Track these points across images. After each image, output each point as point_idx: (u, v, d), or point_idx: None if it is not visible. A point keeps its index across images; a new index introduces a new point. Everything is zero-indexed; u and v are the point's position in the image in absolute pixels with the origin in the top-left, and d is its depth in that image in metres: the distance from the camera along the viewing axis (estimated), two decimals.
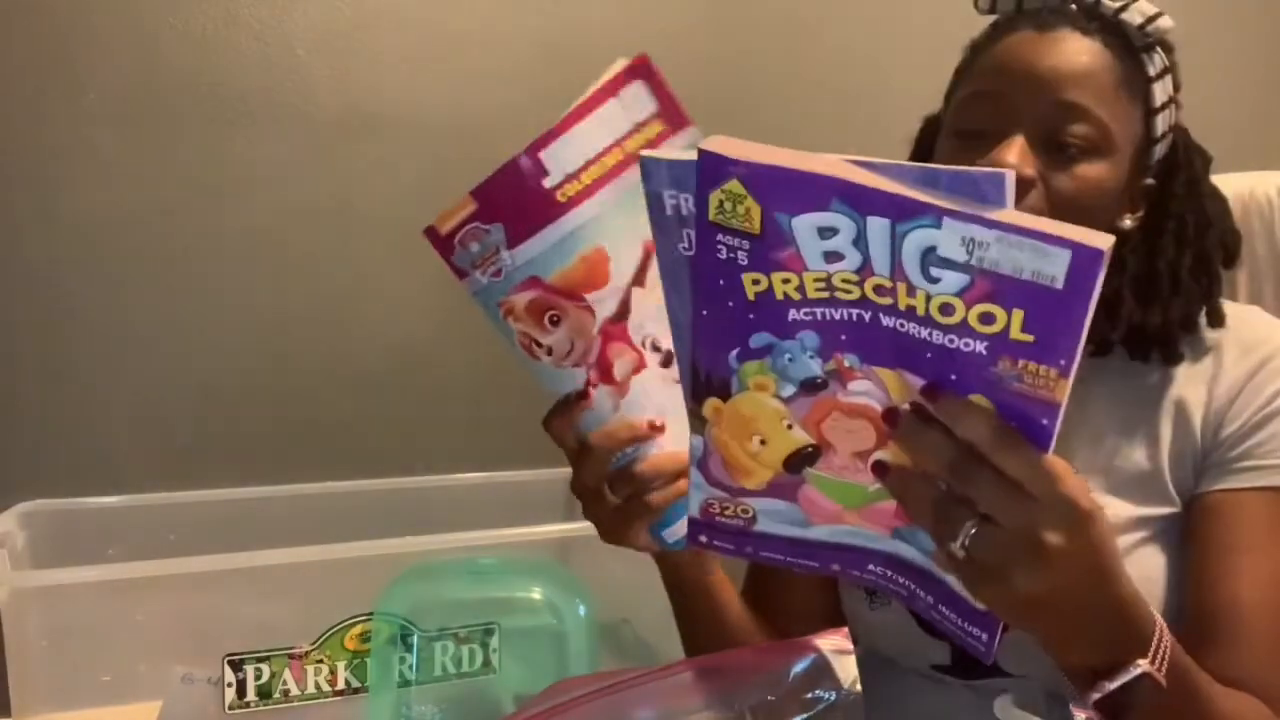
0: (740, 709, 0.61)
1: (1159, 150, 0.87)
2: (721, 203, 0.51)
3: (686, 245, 0.56)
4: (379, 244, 1.38)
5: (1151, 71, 0.84)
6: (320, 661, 0.90)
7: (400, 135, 1.37)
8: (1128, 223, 0.86)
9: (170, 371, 1.29)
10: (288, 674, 0.89)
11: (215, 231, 1.31)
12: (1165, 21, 0.84)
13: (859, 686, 0.61)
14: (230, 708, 0.87)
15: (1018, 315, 0.48)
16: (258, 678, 0.88)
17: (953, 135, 0.85)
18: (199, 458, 1.29)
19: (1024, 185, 0.78)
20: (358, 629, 0.91)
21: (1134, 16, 0.83)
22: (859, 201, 0.49)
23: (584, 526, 0.82)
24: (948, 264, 0.48)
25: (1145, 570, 0.81)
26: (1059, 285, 0.46)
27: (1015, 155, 0.78)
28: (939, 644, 0.87)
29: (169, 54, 1.27)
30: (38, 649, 0.86)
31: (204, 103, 1.29)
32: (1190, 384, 0.84)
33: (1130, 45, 0.84)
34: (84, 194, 1.25)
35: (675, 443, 0.71)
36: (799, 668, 0.62)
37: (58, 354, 1.25)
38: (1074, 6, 0.85)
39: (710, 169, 0.50)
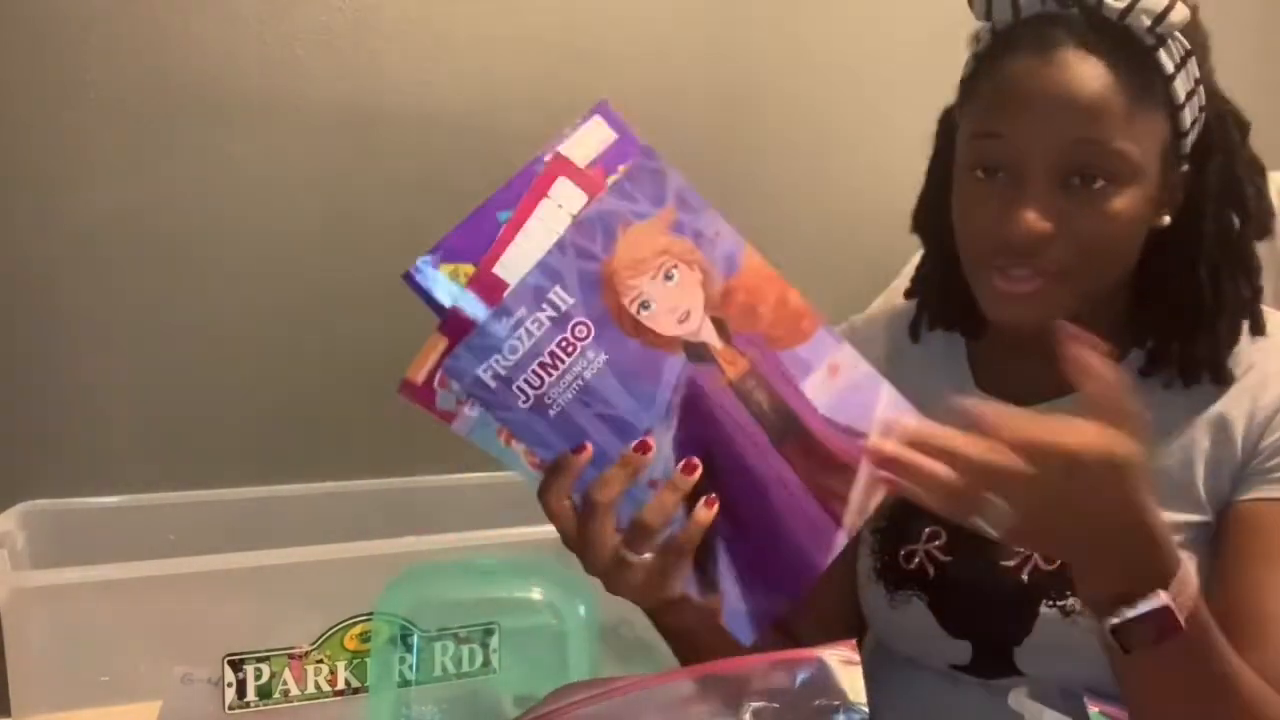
0: (743, 717, 0.60)
1: (1190, 139, 0.81)
2: None
3: (524, 399, 0.63)
4: (379, 243, 1.38)
5: (1170, 67, 0.78)
6: (320, 661, 0.90)
7: (400, 135, 1.37)
8: (1165, 220, 0.82)
9: (170, 371, 1.29)
10: (288, 674, 0.89)
11: (215, 231, 1.31)
12: (1178, 14, 0.76)
13: (864, 698, 0.61)
14: (230, 708, 0.87)
15: None
16: (258, 678, 0.88)
17: (968, 171, 0.82)
18: (199, 458, 1.29)
19: (1044, 241, 0.76)
20: (358, 629, 0.91)
21: (1140, 19, 0.76)
22: None
23: None
24: None
25: None
26: None
27: (1030, 215, 0.76)
28: (959, 644, 0.87)
29: (169, 54, 1.27)
30: (38, 649, 0.86)
31: (204, 103, 1.28)
32: (1234, 396, 0.82)
33: (1142, 47, 0.77)
34: (84, 193, 1.25)
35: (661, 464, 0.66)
36: (804, 677, 0.62)
37: (58, 354, 1.25)
38: (1075, 11, 0.78)
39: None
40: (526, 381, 0.63)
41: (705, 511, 0.65)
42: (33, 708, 0.86)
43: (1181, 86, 0.79)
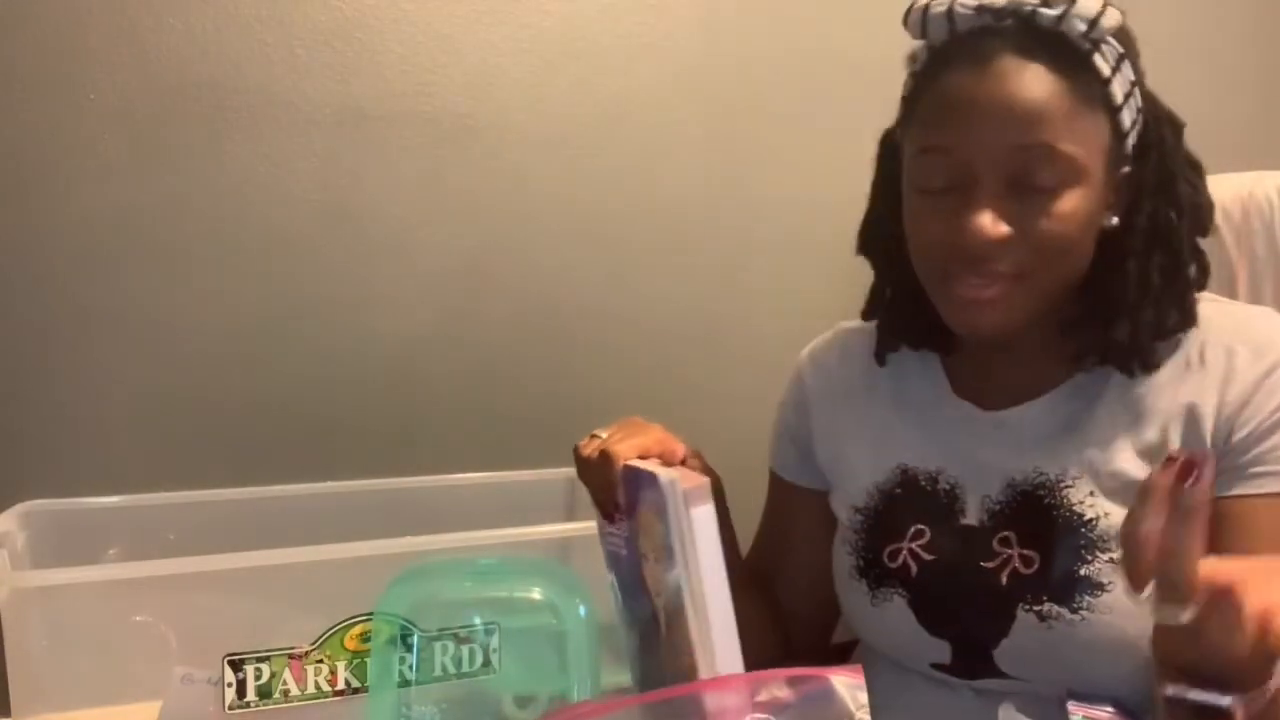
0: None
1: (1131, 140, 0.83)
2: None
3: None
4: (378, 243, 1.38)
5: (1106, 70, 0.79)
6: (320, 661, 0.90)
7: (400, 135, 1.37)
8: (1114, 220, 0.84)
9: (170, 371, 1.29)
10: (288, 674, 0.89)
11: (215, 231, 1.31)
12: (1110, 19, 0.78)
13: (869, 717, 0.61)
14: (230, 708, 0.87)
15: None
16: (258, 678, 0.88)
17: (916, 192, 0.83)
18: (199, 458, 1.29)
19: (1001, 244, 0.78)
20: (358, 629, 0.91)
21: (1075, 24, 0.77)
22: None
23: (584, 526, 0.82)
24: None
25: None
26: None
27: (987, 223, 0.77)
28: (939, 643, 0.87)
29: (169, 54, 1.27)
30: (38, 649, 0.86)
31: (204, 102, 1.28)
32: (1202, 388, 0.82)
33: (1077, 52, 0.78)
34: (84, 194, 1.25)
35: None
36: (809, 697, 0.62)
37: (58, 354, 1.25)
38: (1009, 22, 0.79)
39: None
40: None
41: None
42: (33, 708, 0.86)
43: (1119, 89, 0.80)
